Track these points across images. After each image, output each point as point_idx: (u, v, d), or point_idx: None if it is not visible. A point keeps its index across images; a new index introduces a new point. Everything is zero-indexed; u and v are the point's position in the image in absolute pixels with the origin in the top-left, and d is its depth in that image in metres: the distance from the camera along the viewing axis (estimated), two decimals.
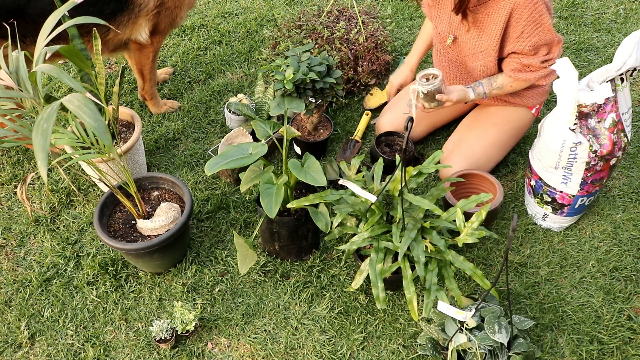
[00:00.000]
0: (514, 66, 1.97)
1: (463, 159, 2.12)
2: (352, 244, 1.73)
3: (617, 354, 1.78)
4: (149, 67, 2.37)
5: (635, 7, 3.07)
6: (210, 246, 2.11)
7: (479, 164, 2.13)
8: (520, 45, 1.90)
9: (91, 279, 2.02)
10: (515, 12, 1.84)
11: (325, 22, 2.71)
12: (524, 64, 1.95)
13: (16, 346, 1.87)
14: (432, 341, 1.71)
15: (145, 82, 2.44)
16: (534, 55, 1.92)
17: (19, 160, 2.44)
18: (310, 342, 1.84)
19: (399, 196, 1.68)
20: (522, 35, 1.88)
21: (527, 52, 1.92)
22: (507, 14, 1.85)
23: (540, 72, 1.95)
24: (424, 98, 1.92)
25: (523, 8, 1.82)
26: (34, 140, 1.25)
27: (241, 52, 2.92)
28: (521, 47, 1.90)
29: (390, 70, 2.80)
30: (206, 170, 1.59)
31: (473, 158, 2.13)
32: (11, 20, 1.90)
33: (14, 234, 2.18)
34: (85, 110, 1.27)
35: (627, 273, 1.98)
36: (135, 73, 2.42)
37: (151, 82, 2.45)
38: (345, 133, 2.50)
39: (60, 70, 1.37)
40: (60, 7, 1.58)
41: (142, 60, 2.33)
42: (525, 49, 1.90)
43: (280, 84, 1.95)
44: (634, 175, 2.28)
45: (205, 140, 2.50)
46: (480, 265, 2.02)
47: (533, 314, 1.88)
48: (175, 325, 1.80)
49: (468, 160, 2.12)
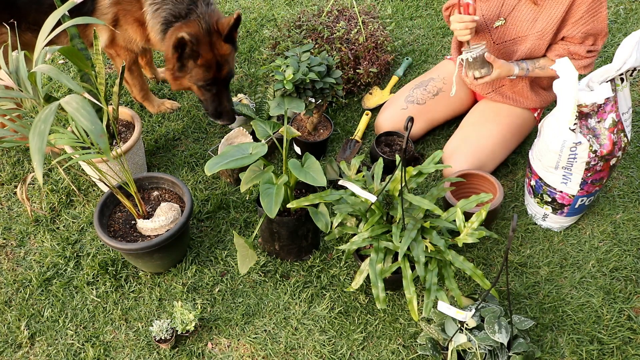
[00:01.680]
0: (560, 52, 1.97)
1: (468, 156, 2.12)
2: (352, 244, 1.73)
3: (617, 354, 1.78)
4: (129, 75, 2.36)
5: (635, 7, 3.07)
6: (210, 246, 2.11)
7: (483, 162, 2.13)
8: (573, 30, 1.90)
9: (91, 279, 2.02)
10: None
11: (325, 22, 2.71)
12: (570, 51, 1.95)
13: (16, 346, 1.87)
14: (432, 341, 1.71)
15: (130, 86, 2.44)
16: (581, 43, 1.93)
17: (19, 160, 2.44)
18: (310, 342, 1.84)
19: (399, 196, 1.68)
20: (579, 21, 1.88)
21: (577, 40, 1.92)
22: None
23: (583, 62, 1.96)
24: (474, 65, 1.92)
25: None
26: (31, 141, 1.25)
27: (241, 52, 2.92)
28: (574, 32, 1.91)
29: (391, 70, 2.80)
30: (206, 170, 1.59)
31: (478, 156, 2.12)
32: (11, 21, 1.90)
33: (14, 234, 2.18)
34: (82, 113, 1.27)
35: (627, 273, 1.98)
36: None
37: (136, 87, 2.44)
38: (345, 133, 2.50)
39: (59, 71, 1.37)
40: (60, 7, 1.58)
41: (118, 66, 2.31)
42: (576, 36, 1.91)
43: (280, 84, 1.95)
44: (634, 175, 2.28)
45: (205, 140, 2.50)
46: (480, 265, 2.02)
47: (533, 314, 1.88)
48: (175, 325, 1.80)
49: (473, 158, 2.11)
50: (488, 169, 2.15)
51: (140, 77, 2.42)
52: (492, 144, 2.15)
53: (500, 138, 2.16)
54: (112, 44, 2.20)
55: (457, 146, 2.17)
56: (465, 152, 2.13)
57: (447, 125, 2.48)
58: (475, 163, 2.11)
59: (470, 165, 2.10)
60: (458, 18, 1.90)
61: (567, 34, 1.93)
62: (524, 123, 2.23)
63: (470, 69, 1.94)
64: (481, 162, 2.12)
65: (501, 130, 2.17)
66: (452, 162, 2.13)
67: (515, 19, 2.00)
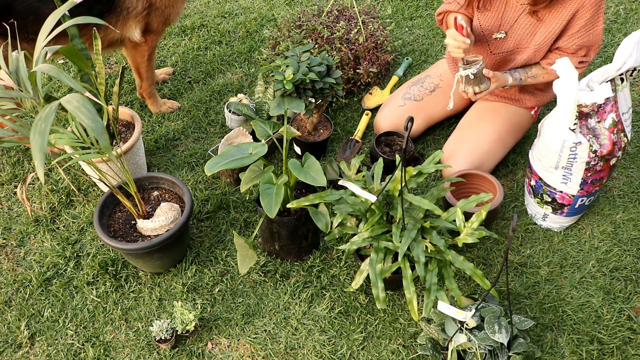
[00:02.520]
0: (552, 61, 1.98)
1: (467, 156, 2.12)
2: (352, 244, 1.73)
3: (617, 354, 1.78)
4: (145, 66, 2.37)
5: (635, 7, 3.07)
6: (210, 246, 2.11)
7: (482, 161, 2.13)
8: (569, 42, 1.92)
9: (91, 279, 2.02)
10: (580, 11, 1.84)
11: (325, 22, 2.71)
12: None
13: (16, 346, 1.87)
14: (432, 341, 1.71)
15: (143, 80, 2.44)
16: (573, 54, 1.94)
17: (19, 160, 2.44)
18: (310, 342, 1.84)
19: (399, 196, 1.68)
20: (575, 34, 1.89)
21: (570, 50, 1.93)
22: (573, 12, 1.84)
23: None
24: (474, 81, 1.91)
25: (588, 8, 1.82)
26: (32, 140, 1.25)
27: (241, 52, 2.92)
28: (569, 44, 1.92)
29: (391, 70, 2.80)
30: (206, 170, 1.59)
31: (476, 155, 2.12)
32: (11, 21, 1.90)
33: (14, 234, 2.18)
34: (83, 111, 1.27)
35: (627, 273, 1.98)
36: (133, 71, 2.43)
37: (148, 80, 2.45)
38: (345, 133, 2.50)
39: (60, 70, 1.37)
40: (60, 7, 1.58)
41: (137, 58, 2.33)
42: (570, 47, 1.92)
43: (279, 84, 1.94)
44: (634, 175, 2.28)
45: (205, 140, 2.50)
46: (480, 265, 2.02)
47: (533, 314, 1.88)
48: (175, 325, 1.80)
49: (472, 157, 2.12)
50: (487, 168, 2.15)
51: (153, 70, 2.45)
52: (490, 142, 2.15)
53: (497, 136, 2.16)
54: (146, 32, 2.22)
55: (456, 147, 2.18)
56: (463, 152, 2.13)
57: (447, 125, 2.48)
58: (475, 162, 2.11)
59: (469, 164, 2.11)
60: (453, 34, 1.90)
61: (561, 45, 1.95)
62: (520, 121, 2.23)
63: (470, 85, 1.94)
64: (480, 160, 2.12)
65: (497, 129, 2.17)
66: (451, 163, 2.14)
67: (514, 32, 2.01)
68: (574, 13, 1.85)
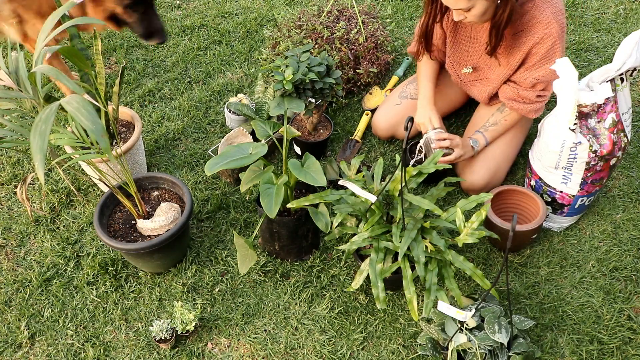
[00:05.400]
0: (509, 94, 2.01)
1: (487, 162, 2.12)
2: (352, 244, 1.73)
3: (617, 354, 1.78)
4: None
5: (635, 7, 3.07)
6: (210, 246, 2.11)
7: (499, 166, 2.13)
8: (525, 75, 1.93)
9: (91, 279, 2.02)
10: (536, 46, 1.85)
11: (325, 22, 2.70)
12: (520, 95, 1.99)
13: (16, 346, 1.87)
14: (432, 341, 1.71)
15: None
16: (531, 88, 1.95)
17: (19, 160, 2.44)
18: (310, 342, 1.84)
19: (399, 196, 1.68)
20: (532, 67, 1.91)
21: (527, 85, 1.95)
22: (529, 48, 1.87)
23: (532, 106, 2.00)
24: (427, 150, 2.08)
25: (543, 43, 1.84)
26: (32, 141, 1.25)
27: (241, 52, 2.92)
28: (525, 77, 1.93)
29: (391, 70, 2.80)
30: (206, 170, 1.59)
31: (494, 161, 2.12)
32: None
33: (14, 234, 2.18)
34: (83, 113, 1.27)
35: (627, 273, 1.98)
36: None
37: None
38: (345, 133, 2.50)
39: (59, 71, 1.37)
40: (60, 7, 1.58)
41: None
42: (527, 81, 1.94)
43: (279, 84, 1.94)
44: (634, 175, 2.28)
45: (205, 140, 2.50)
46: (480, 265, 2.02)
47: (533, 314, 1.88)
48: (175, 325, 1.80)
49: (490, 163, 2.12)
50: (504, 170, 2.16)
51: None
52: (502, 145, 2.15)
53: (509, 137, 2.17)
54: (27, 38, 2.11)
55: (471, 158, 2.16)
56: (481, 161, 2.13)
57: (446, 123, 2.48)
58: (492, 169, 2.11)
59: (488, 170, 2.10)
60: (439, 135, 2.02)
61: (518, 79, 1.96)
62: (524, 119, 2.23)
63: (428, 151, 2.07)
64: (497, 166, 2.12)
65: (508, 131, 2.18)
66: (470, 173, 2.13)
67: (481, 65, 2.07)
68: (529, 49, 1.87)
